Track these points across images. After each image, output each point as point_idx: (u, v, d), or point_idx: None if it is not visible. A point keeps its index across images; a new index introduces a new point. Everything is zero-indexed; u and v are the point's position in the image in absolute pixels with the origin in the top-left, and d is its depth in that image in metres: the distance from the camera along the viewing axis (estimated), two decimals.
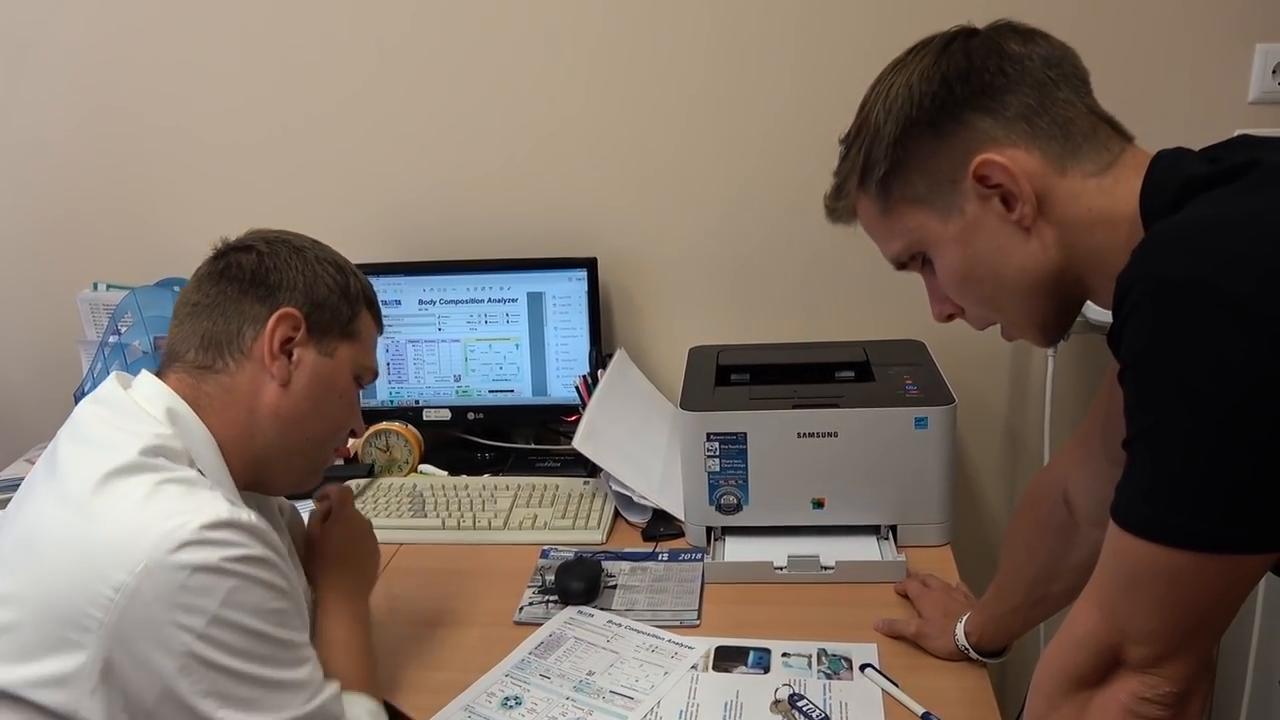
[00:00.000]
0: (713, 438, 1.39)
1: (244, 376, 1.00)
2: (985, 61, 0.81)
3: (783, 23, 1.64)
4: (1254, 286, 0.64)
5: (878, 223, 0.91)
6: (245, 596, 0.87)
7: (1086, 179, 0.80)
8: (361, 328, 1.09)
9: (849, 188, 0.90)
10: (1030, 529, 1.13)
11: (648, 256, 1.78)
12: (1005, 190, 0.81)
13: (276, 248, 1.04)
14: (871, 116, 0.86)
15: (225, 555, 0.86)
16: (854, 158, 0.89)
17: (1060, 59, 0.82)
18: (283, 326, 1.01)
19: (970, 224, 0.84)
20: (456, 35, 1.72)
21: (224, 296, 1.01)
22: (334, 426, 1.08)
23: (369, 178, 1.81)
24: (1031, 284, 0.84)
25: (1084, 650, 0.77)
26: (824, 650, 1.20)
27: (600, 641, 1.25)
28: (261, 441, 1.02)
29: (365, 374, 1.11)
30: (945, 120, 0.82)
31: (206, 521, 0.86)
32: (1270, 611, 1.58)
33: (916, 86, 0.83)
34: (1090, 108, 0.82)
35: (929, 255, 0.89)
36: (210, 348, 1.00)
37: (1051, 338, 0.90)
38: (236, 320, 1.00)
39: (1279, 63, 1.55)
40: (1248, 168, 0.72)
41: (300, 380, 1.02)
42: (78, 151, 1.87)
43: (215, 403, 0.99)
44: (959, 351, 1.66)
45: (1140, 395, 0.69)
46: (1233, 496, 0.66)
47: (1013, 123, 0.81)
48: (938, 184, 0.84)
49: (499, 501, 1.58)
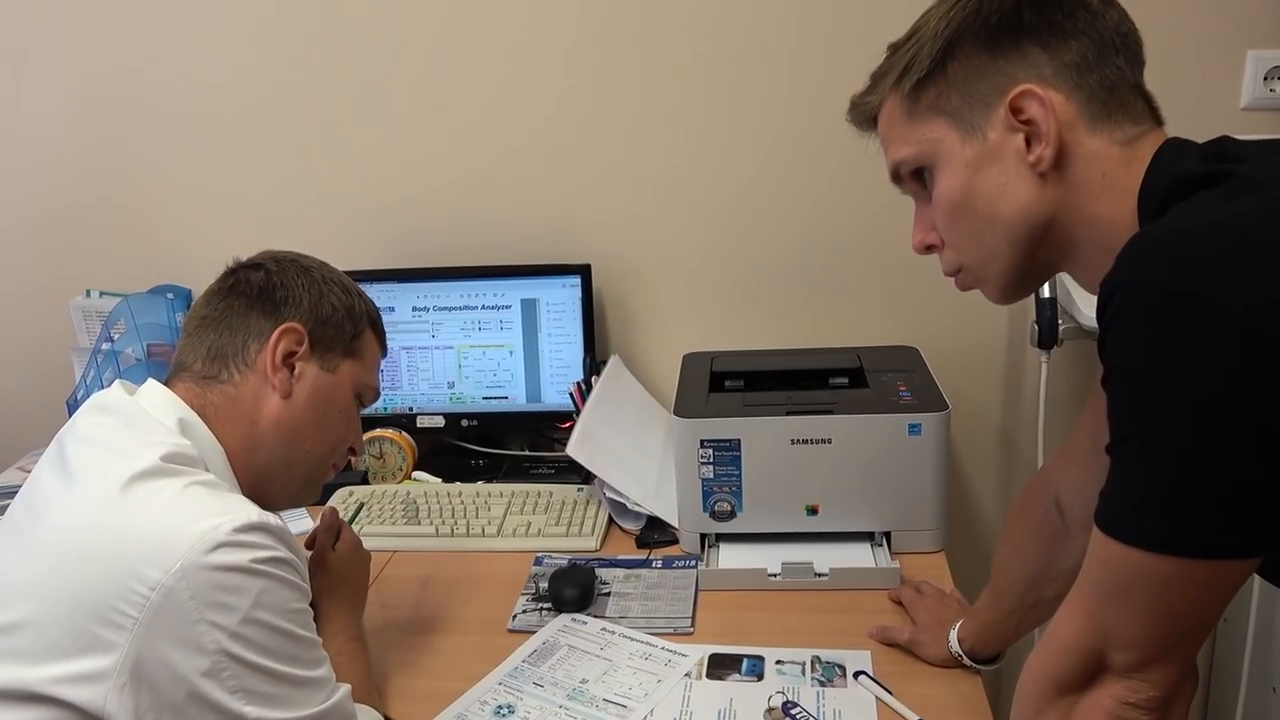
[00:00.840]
0: (706, 444, 1.39)
1: (247, 388, 1.03)
2: (1063, 2, 0.81)
3: (779, 30, 1.64)
4: (1233, 293, 0.64)
5: (898, 125, 0.89)
6: (274, 597, 0.90)
7: (1111, 145, 0.80)
8: (365, 346, 1.13)
9: (882, 86, 0.89)
10: (1023, 535, 1.12)
11: (642, 263, 1.78)
12: (1033, 129, 0.80)
13: (285, 266, 1.08)
14: (930, 22, 0.85)
15: (256, 557, 0.89)
16: (898, 58, 0.87)
17: (1129, 32, 0.83)
18: (286, 340, 1.04)
19: (988, 151, 0.83)
20: (451, 43, 1.72)
21: (231, 311, 1.05)
22: (333, 442, 1.11)
23: (362, 184, 1.81)
24: (1022, 229, 0.83)
25: (1069, 655, 0.77)
26: (818, 657, 1.20)
27: (594, 649, 1.24)
28: (263, 454, 1.04)
29: (367, 393, 1.14)
30: (1004, 41, 0.82)
31: (239, 524, 0.89)
32: (1264, 617, 1.58)
33: (987, 1, 0.82)
34: (1136, 84, 0.83)
35: (934, 172, 0.87)
36: (216, 359, 1.03)
37: (1011, 294, 0.89)
38: (242, 334, 1.04)
39: (1271, 69, 1.56)
40: (1231, 173, 0.73)
41: (302, 393, 1.05)
42: (71, 158, 1.87)
43: (220, 412, 1.02)
44: (953, 357, 1.66)
45: (1122, 401, 0.70)
46: (1214, 502, 0.67)
47: (1065, 69, 0.80)
48: (971, 101, 0.83)
49: (493, 508, 1.58)
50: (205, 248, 1.82)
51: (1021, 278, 0.87)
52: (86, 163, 1.87)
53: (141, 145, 1.84)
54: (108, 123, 1.84)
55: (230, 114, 1.81)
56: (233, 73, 1.79)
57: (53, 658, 0.85)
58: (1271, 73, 1.56)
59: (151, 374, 1.14)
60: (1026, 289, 0.89)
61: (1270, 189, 0.70)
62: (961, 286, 0.92)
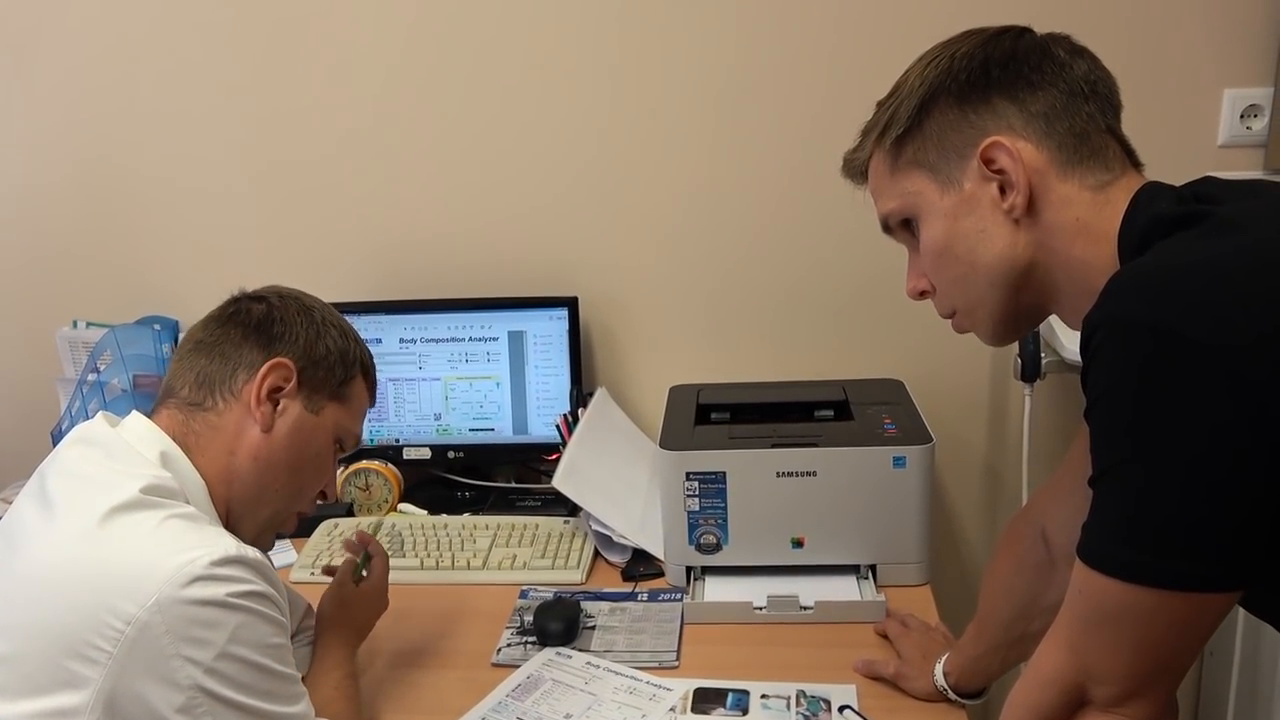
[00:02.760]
0: (692, 477, 1.39)
1: (230, 417, 1.03)
2: (1029, 56, 0.85)
3: (766, 68, 1.66)
4: (1206, 324, 0.66)
5: (883, 179, 0.93)
6: (251, 632, 0.89)
7: (1083, 190, 0.83)
8: (353, 393, 1.12)
9: (868, 141, 0.93)
10: (1008, 568, 1.13)
11: (629, 296, 1.79)
12: (1005, 178, 0.83)
13: (287, 302, 1.09)
14: (908, 80, 0.89)
15: (233, 590, 0.88)
16: (880, 115, 0.92)
17: (1099, 80, 0.86)
18: (275, 374, 1.04)
19: (965, 201, 0.86)
20: (440, 76, 1.74)
21: (226, 338, 1.05)
22: (303, 483, 1.10)
23: (350, 217, 1.82)
24: (1002, 274, 0.86)
25: (1050, 689, 0.77)
26: (803, 691, 1.19)
27: (578, 683, 1.24)
28: (238, 486, 1.03)
29: (348, 439, 1.13)
30: (974, 96, 0.85)
31: (217, 557, 0.88)
32: (1250, 649, 1.59)
33: (959, 60, 0.86)
34: (1110, 128, 0.86)
35: (918, 223, 0.90)
36: (204, 385, 1.03)
37: (1003, 336, 0.92)
38: (233, 362, 1.04)
39: (1247, 107, 1.59)
40: (1213, 211, 0.74)
41: (282, 429, 1.05)
42: (59, 189, 1.87)
43: (201, 440, 1.02)
44: (938, 390, 1.67)
45: (1104, 434, 0.71)
46: (1194, 535, 0.67)
47: (1033, 119, 0.83)
48: (947, 154, 0.86)
49: (478, 541, 1.57)
50: (193, 279, 1.83)
51: (1010, 320, 0.90)
52: (74, 193, 1.87)
53: (129, 176, 1.84)
54: (96, 153, 1.84)
55: (219, 145, 1.81)
56: (221, 104, 1.79)
57: (28, 693, 0.84)
58: (1248, 111, 1.59)
59: (137, 405, 1.14)
60: (1018, 331, 0.91)
61: (1249, 229, 0.71)
62: (958, 329, 0.95)
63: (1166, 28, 1.58)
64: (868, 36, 1.63)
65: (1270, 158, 1.59)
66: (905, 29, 1.61)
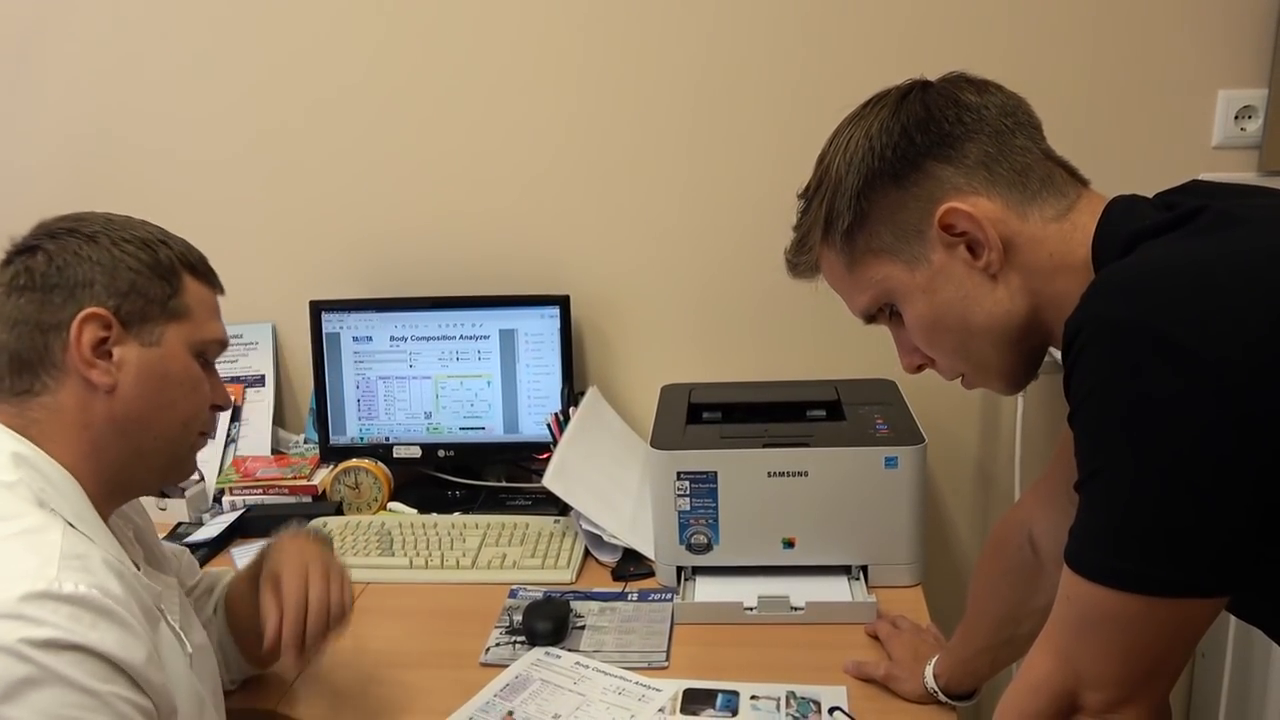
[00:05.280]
0: (683, 476, 1.39)
1: (66, 393, 0.91)
2: (944, 111, 0.83)
3: (760, 65, 1.66)
4: (1195, 330, 0.65)
5: (844, 276, 0.91)
6: (42, 698, 0.74)
7: (1047, 224, 0.81)
8: (188, 301, 0.98)
9: (812, 241, 0.91)
10: (996, 571, 1.12)
11: (621, 294, 1.79)
12: (971, 238, 0.82)
13: (65, 242, 0.94)
14: (832, 169, 0.87)
15: (30, 637, 0.74)
16: (815, 211, 0.89)
17: (1014, 108, 0.84)
18: (89, 328, 0.91)
19: (937, 272, 0.84)
20: (431, 76, 1.73)
21: (19, 310, 0.91)
22: (185, 415, 0.98)
23: (342, 213, 1.81)
24: (1000, 331, 0.84)
25: (1040, 695, 0.77)
26: (793, 693, 1.19)
27: (567, 684, 1.23)
28: (110, 456, 0.93)
29: (210, 348, 1.01)
30: (907, 170, 0.83)
31: (27, 591, 0.76)
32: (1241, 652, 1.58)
33: (877, 138, 0.84)
34: (1046, 153, 0.84)
35: (897, 306, 0.89)
36: (23, 371, 0.91)
37: (1016, 386, 0.91)
38: (40, 334, 0.91)
39: (1241, 108, 1.58)
40: (1195, 214, 0.73)
41: (128, 381, 0.92)
42: (45, 185, 1.86)
43: (47, 428, 0.90)
44: (930, 391, 1.66)
45: (1088, 438, 0.70)
46: (1179, 541, 0.67)
47: (973, 170, 0.82)
48: (903, 234, 0.85)
49: (468, 540, 1.57)
50: None
51: (1020, 370, 0.89)
52: (68, 190, 1.85)
53: (118, 173, 1.83)
54: (84, 151, 1.83)
55: (213, 145, 1.81)
56: (209, 102, 1.79)
57: None
58: (1242, 112, 1.58)
59: None
60: (1029, 375, 0.90)
61: (1230, 228, 0.71)
62: (968, 387, 0.93)
63: (1161, 28, 1.57)
64: (860, 35, 1.62)
65: (1265, 159, 1.58)
66: (900, 25, 1.60)
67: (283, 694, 1.23)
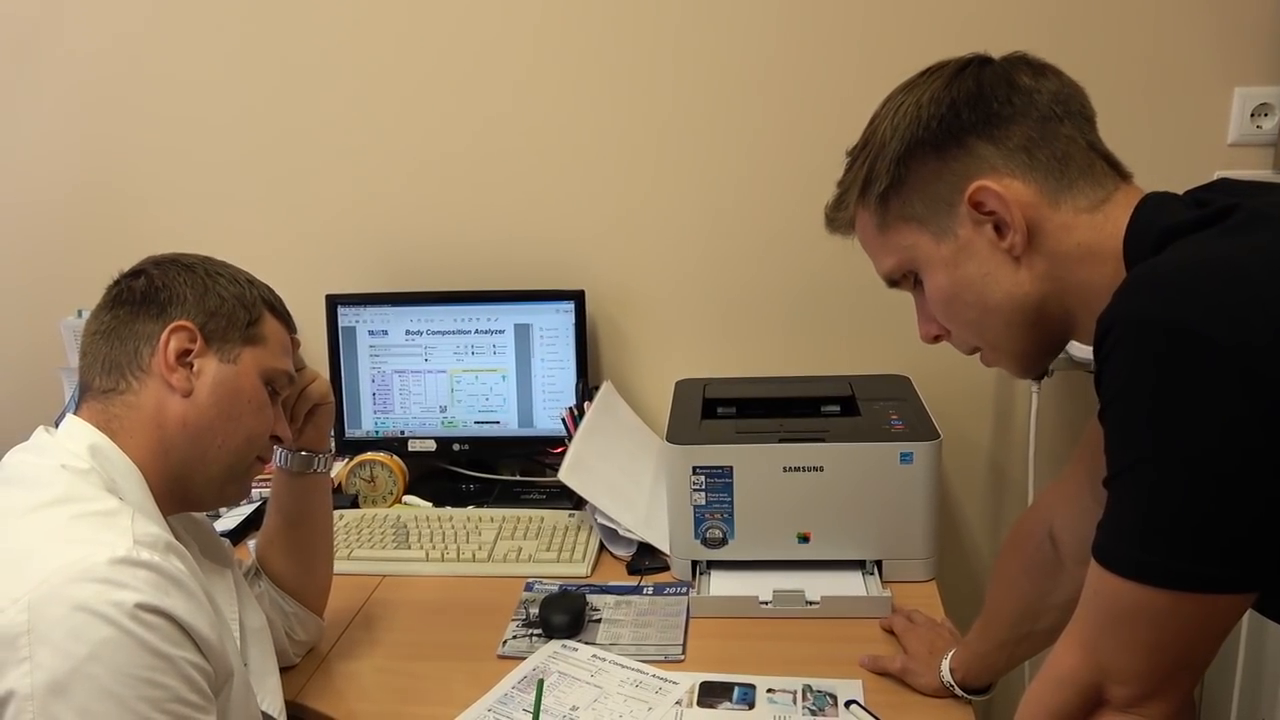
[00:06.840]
0: (699, 471, 1.39)
1: (147, 394, 1.00)
2: (995, 90, 0.83)
3: (774, 62, 1.66)
4: (1228, 329, 0.65)
5: (874, 237, 0.92)
6: (120, 656, 0.79)
7: (1079, 214, 0.82)
8: (265, 332, 1.08)
9: (849, 199, 0.92)
10: (1015, 566, 1.13)
11: (636, 289, 1.79)
12: (998, 218, 0.83)
13: (166, 269, 1.06)
14: (879, 132, 0.88)
15: (116, 599, 0.80)
16: (857, 170, 0.90)
17: (1069, 96, 0.84)
18: (177, 338, 1.01)
19: (962, 247, 0.85)
20: (445, 69, 1.73)
21: (118, 321, 1.02)
22: (247, 434, 1.06)
23: (357, 208, 1.82)
24: (1016, 312, 0.85)
25: (1066, 689, 0.77)
26: (809, 686, 1.19)
27: (584, 676, 1.24)
28: (176, 457, 1.01)
29: (278, 379, 1.10)
30: (949, 143, 0.84)
31: (114, 556, 0.82)
32: (1254, 649, 1.59)
33: (926, 107, 0.85)
34: (1091, 144, 0.84)
35: (920, 275, 0.90)
36: (112, 371, 1.01)
37: (1030, 369, 0.91)
38: (133, 341, 1.01)
39: (1257, 105, 1.58)
40: (1228, 212, 0.73)
41: (204, 389, 1.02)
42: (64, 179, 1.87)
43: (125, 424, 0.99)
44: (944, 387, 1.67)
45: (1119, 434, 0.70)
46: (1209, 536, 0.67)
47: (1013, 153, 0.82)
48: (934, 205, 0.86)
49: (483, 533, 1.57)
50: None
51: (1035, 354, 0.89)
52: (79, 184, 1.87)
53: (134, 168, 1.85)
54: (100, 145, 1.84)
55: (223, 136, 1.81)
56: (225, 96, 1.79)
57: None
58: (1258, 109, 1.58)
59: None
60: (1044, 360, 0.91)
61: (1263, 227, 0.71)
62: (986, 363, 0.94)
63: (1177, 26, 1.57)
64: (883, 32, 1.62)
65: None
66: (914, 23, 1.60)
67: (300, 686, 1.24)
